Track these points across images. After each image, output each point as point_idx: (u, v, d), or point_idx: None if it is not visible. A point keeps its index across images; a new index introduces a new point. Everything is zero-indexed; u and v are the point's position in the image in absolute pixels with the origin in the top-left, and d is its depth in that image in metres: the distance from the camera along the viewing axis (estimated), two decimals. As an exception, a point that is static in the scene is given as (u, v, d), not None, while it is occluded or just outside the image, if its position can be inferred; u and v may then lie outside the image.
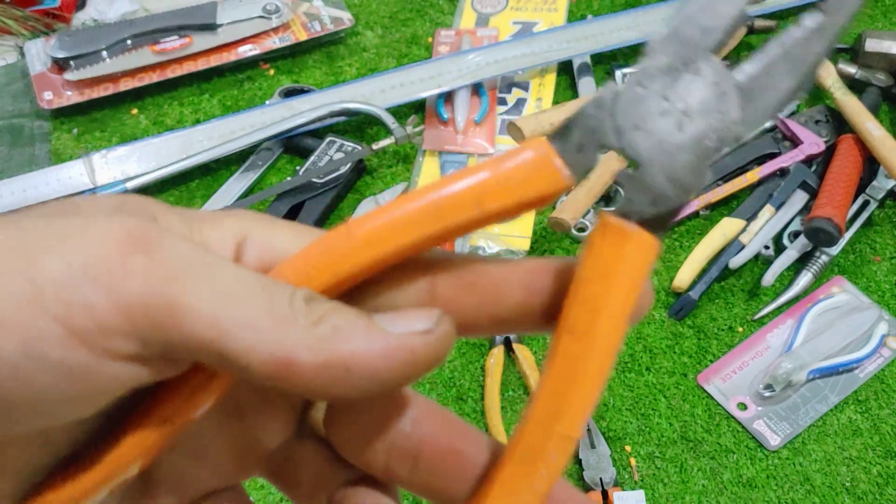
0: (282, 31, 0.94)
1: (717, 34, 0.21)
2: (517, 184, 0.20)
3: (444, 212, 0.20)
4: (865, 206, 0.78)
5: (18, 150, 0.88)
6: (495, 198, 0.20)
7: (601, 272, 0.20)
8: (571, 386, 0.20)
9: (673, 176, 0.20)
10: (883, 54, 0.86)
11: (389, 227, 0.20)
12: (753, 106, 0.20)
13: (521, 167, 0.20)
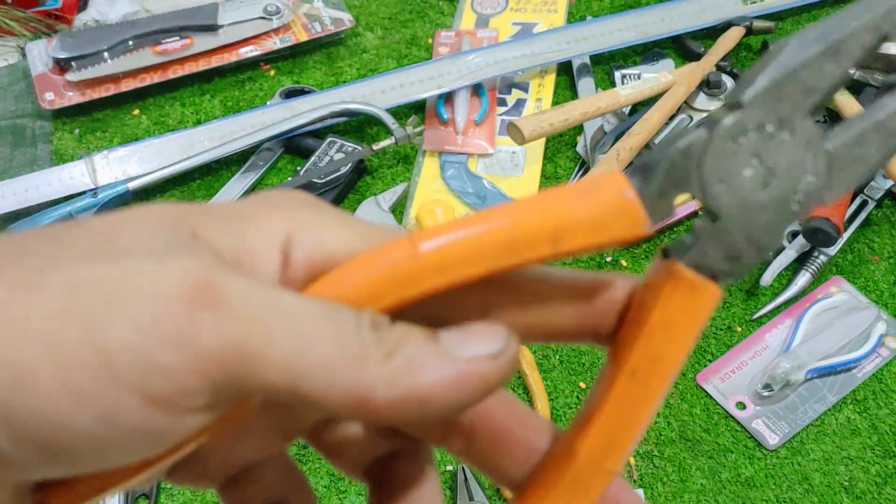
0: (282, 32, 0.94)
1: (817, 95, 0.20)
2: (597, 227, 0.20)
3: (518, 246, 0.20)
4: (863, 206, 0.78)
5: (20, 150, 0.88)
6: (572, 239, 0.20)
7: (670, 323, 0.20)
8: (626, 427, 0.21)
9: (751, 235, 0.20)
10: (881, 55, 0.86)
11: (461, 257, 0.20)
12: (841, 175, 0.20)
13: (603, 209, 0.20)
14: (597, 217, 0.20)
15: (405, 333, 0.19)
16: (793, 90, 0.20)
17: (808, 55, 0.20)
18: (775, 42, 0.20)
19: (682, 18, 0.92)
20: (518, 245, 0.20)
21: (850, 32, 0.20)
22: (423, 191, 0.83)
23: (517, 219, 0.20)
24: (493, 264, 0.20)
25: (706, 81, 0.85)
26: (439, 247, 0.20)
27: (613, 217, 0.20)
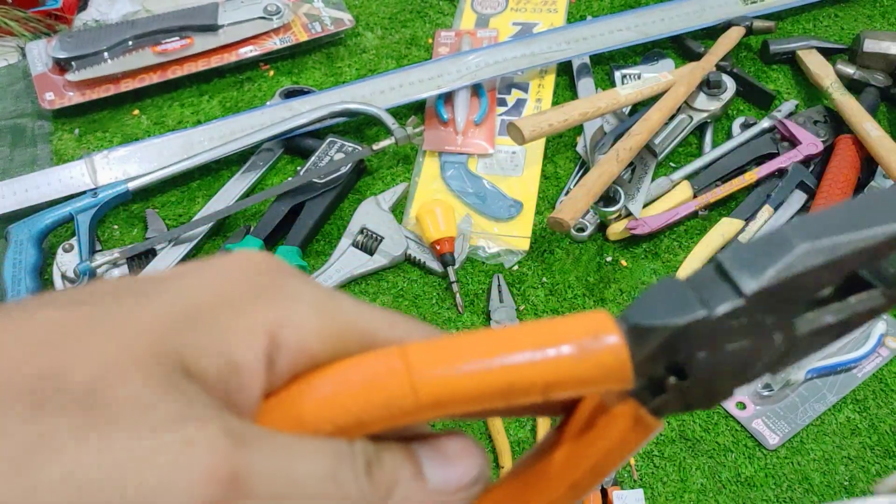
0: (282, 32, 0.94)
1: (809, 294, 0.22)
2: (587, 383, 0.21)
3: (511, 395, 0.21)
4: (863, 206, 0.78)
5: (20, 150, 0.88)
6: (561, 391, 0.21)
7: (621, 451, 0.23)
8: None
9: (711, 393, 0.23)
10: (881, 55, 0.86)
11: (458, 399, 0.21)
12: (795, 354, 0.23)
13: (596, 371, 0.21)
14: (588, 377, 0.21)
15: (395, 471, 0.20)
16: (788, 292, 0.22)
17: (811, 264, 0.21)
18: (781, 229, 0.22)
19: (682, 18, 0.92)
20: (512, 394, 0.21)
21: (854, 251, 0.21)
22: (423, 191, 0.83)
23: (514, 366, 0.21)
24: (487, 406, 0.21)
25: (706, 81, 0.85)
26: (437, 386, 0.21)
27: (605, 378, 0.21)
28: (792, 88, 0.90)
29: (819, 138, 0.81)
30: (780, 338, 0.22)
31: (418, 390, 0.20)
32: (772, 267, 0.21)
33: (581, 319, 0.22)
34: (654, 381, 0.22)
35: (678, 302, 0.22)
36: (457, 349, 0.21)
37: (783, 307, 0.22)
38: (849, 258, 0.21)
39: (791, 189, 0.78)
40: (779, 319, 0.22)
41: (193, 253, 0.78)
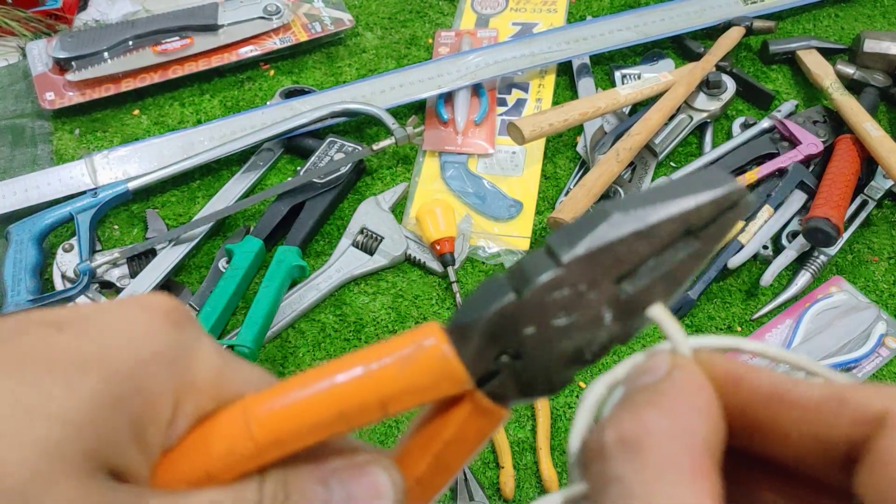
0: (282, 32, 0.94)
1: (626, 266, 0.23)
2: (421, 391, 0.22)
3: (349, 418, 0.22)
4: (863, 206, 0.78)
5: (20, 150, 0.88)
6: (399, 404, 0.22)
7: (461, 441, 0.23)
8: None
9: (547, 374, 0.23)
10: (881, 55, 0.87)
11: (295, 433, 0.22)
12: (632, 319, 0.23)
13: (425, 377, 0.22)
14: (420, 385, 0.22)
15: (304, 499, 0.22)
16: (605, 260, 0.23)
17: (623, 233, 0.22)
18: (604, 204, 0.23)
19: (682, 18, 0.92)
20: (349, 417, 0.22)
21: (663, 220, 0.22)
22: (423, 191, 0.83)
23: (343, 390, 0.22)
24: (328, 433, 0.22)
25: (706, 81, 0.85)
26: (272, 425, 0.22)
27: (437, 382, 0.22)
28: (792, 88, 0.89)
29: (819, 138, 0.81)
30: (608, 310, 0.23)
31: (255, 435, 0.21)
32: (587, 236, 0.22)
33: (411, 333, 0.23)
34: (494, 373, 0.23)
35: (493, 292, 0.23)
36: (292, 387, 0.22)
37: (604, 277, 0.23)
38: (660, 226, 0.22)
39: (791, 189, 0.78)
40: (602, 292, 0.23)
41: (193, 253, 0.78)
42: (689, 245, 0.23)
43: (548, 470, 0.65)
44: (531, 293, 0.22)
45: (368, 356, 0.22)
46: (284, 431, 0.21)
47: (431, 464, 0.23)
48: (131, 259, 0.76)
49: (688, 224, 0.23)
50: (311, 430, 0.22)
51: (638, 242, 0.23)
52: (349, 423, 0.22)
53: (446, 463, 0.24)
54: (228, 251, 0.76)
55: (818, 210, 0.74)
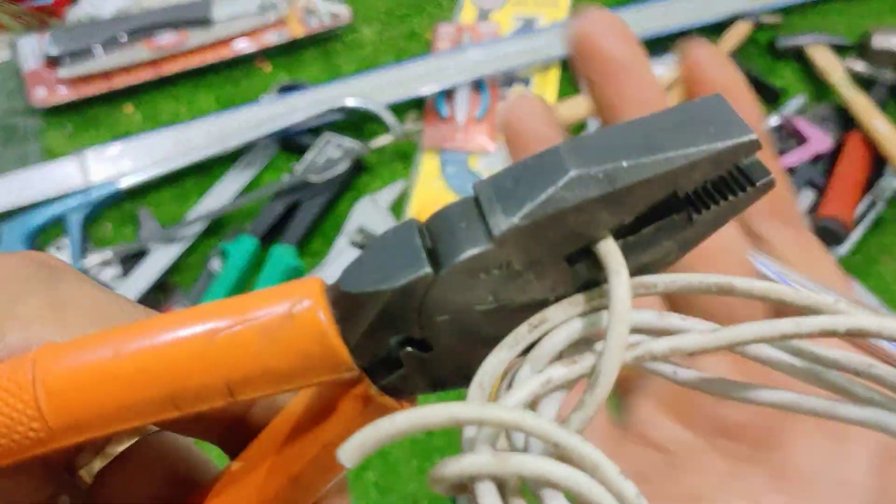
0: (278, 27, 0.92)
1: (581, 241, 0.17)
2: (287, 375, 0.16)
3: (183, 403, 0.16)
4: (873, 205, 0.76)
5: (11, 148, 0.87)
6: (253, 389, 0.16)
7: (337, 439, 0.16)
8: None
9: (463, 367, 0.17)
10: (891, 51, 0.85)
11: (102, 414, 0.16)
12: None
13: (291, 353, 0.16)
14: (284, 367, 0.16)
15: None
16: (555, 233, 0.16)
17: (584, 197, 0.16)
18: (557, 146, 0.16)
19: (688, 13, 0.91)
20: (179, 400, 0.16)
21: (641, 181, 0.16)
22: (422, 189, 0.81)
23: (178, 362, 0.16)
24: (150, 419, 0.16)
25: (712, 77, 0.84)
26: (69, 403, 0.16)
27: (308, 364, 0.16)
28: (800, 84, 0.88)
29: (828, 135, 0.80)
30: (552, 296, 0.17)
31: (45, 414, 0.16)
32: (531, 200, 0.16)
33: (286, 286, 0.17)
34: (391, 357, 0.17)
35: (402, 255, 0.16)
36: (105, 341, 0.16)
37: (551, 255, 0.17)
38: (636, 189, 0.16)
39: (799, 187, 0.77)
40: (546, 273, 0.17)
41: (188, 252, 0.77)
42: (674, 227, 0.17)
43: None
44: (451, 271, 0.16)
45: (221, 311, 0.16)
46: (86, 412, 0.16)
47: (310, 463, 0.18)
48: (124, 258, 0.75)
49: (673, 188, 0.16)
50: (126, 414, 0.16)
51: (602, 212, 0.16)
52: (179, 407, 0.16)
53: (327, 464, 0.18)
54: (223, 250, 0.74)
55: (827, 209, 0.73)
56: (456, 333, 0.17)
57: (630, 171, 0.16)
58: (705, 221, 0.17)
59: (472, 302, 0.17)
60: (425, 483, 0.59)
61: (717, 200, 0.17)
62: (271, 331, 0.16)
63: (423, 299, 0.17)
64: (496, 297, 0.17)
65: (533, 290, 0.17)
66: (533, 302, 0.17)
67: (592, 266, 0.17)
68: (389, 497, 0.63)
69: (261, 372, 0.16)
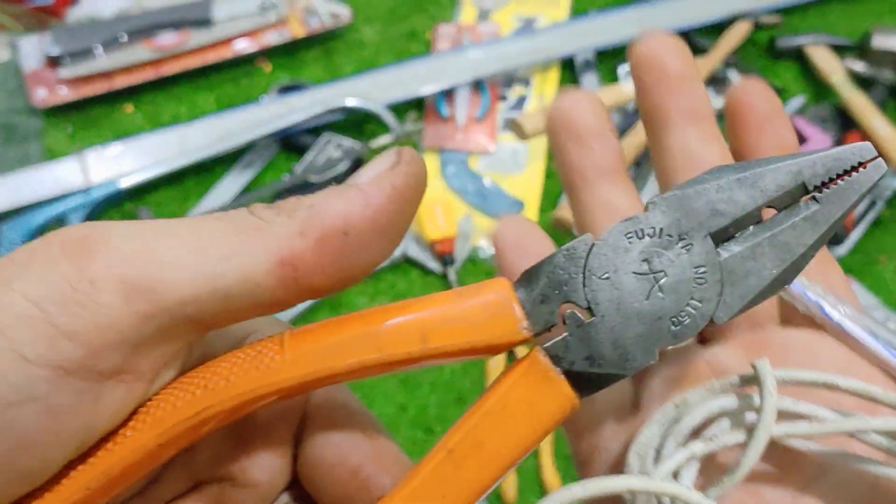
0: (279, 27, 0.92)
1: (723, 220, 0.20)
2: (468, 326, 0.19)
3: (383, 341, 0.19)
4: (872, 205, 0.77)
5: (12, 148, 0.87)
6: (442, 336, 0.19)
7: (506, 408, 0.19)
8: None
9: (619, 342, 0.19)
10: (890, 51, 0.85)
11: (323, 350, 0.19)
12: (733, 291, 0.20)
13: (477, 308, 0.19)
14: (469, 317, 0.19)
15: (298, 198, 0.18)
16: (701, 207, 0.20)
17: (723, 179, 0.20)
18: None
19: (688, 13, 0.91)
20: (384, 340, 0.19)
21: (769, 169, 0.20)
22: (422, 189, 0.81)
23: (388, 315, 0.19)
24: (358, 359, 0.19)
25: (712, 77, 0.84)
26: (307, 340, 0.19)
27: (487, 319, 0.19)
28: (799, 85, 0.88)
29: (827, 135, 0.80)
30: (701, 271, 0.19)
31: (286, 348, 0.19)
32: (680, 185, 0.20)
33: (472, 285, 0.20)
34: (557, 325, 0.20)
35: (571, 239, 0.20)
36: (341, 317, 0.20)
37: (697, 229, 0.19)
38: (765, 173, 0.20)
39: (799, 187, 0.77)
40: (694, 246, 0.19)
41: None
42: (804, 208, 0.20)
43: (550, 475, 0.63)
44: (610, 233, 0.19)
45: (429, 295, 0.20)
46: (315, 348, 0.19)
47: (463, 436, 0.19)
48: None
49: (800, 177, 0.19)
50: (343, 351, 0.19)
51: (739, 190, 0.19)
52: (385, 350, 0.19)
53: (482, 438, 0.19)
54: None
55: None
56: (615, 301, 0.19)
57: (762, 162, 0.20)
58: (829, 198, 0.20)
59: (631, 268, 0.19)
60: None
61: (836, 181, 0.20)
62: (464, 292, 0.19)
63: (586, 261, 0.19)
64: (649, 263, 0.19)
65: (681, 264, 0.19)
66: (678, 278, 0.19)
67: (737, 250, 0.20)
68: (390, 497, 0.64)
69: (449, 320, 0.19)
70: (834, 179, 0.20)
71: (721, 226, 0.20)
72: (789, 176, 0.20)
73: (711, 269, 0.19)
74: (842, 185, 0.20)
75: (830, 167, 0.20)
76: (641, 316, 0.19)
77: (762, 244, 0.20)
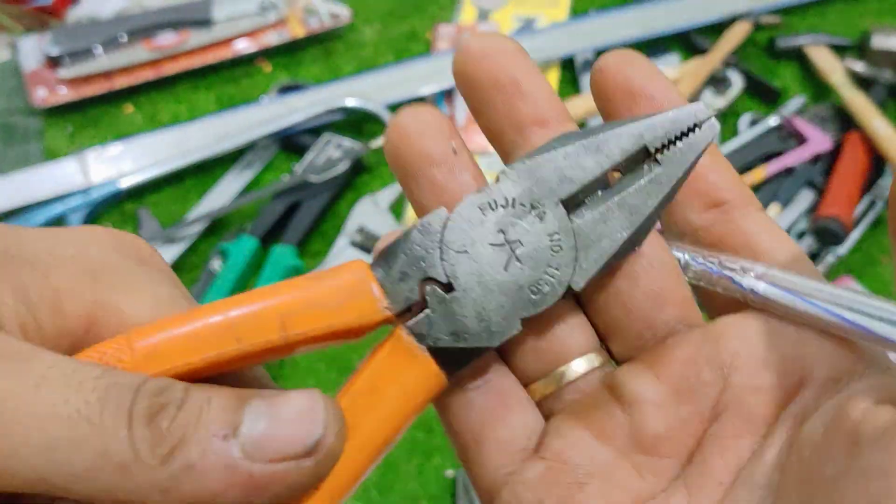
0: (279, 27, 0.92)
1: (572, 186, 0.20)
2: (327, 310, 0.19)
3: (241, 331, 0.18)
4: (872, 205, 0.76)
5: (12, 148, 0.87)
6: (301, 322, 0.18)
7: (374, 390, 0.19)
8: None
9: (483, 314, 0.19)
10: (890, 51, 0.85)
11: (176, 345, 0.18)
12: (587, 255, 0.20)
13: (335, 291, 0.19)
14: (327, 301, 0.19)
15: (195, 419, 0.16)
16: (549, 175, 0.20)
17: (569, 146, 0.20)
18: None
19: (688, 13, 0.91)
20: (242, 330, 0.18)
21: (612, 135, 0.20)
22: (422, 189, 0.81)
23: (245, 303, 0.18)
24: (216, 352, 0.18)
25: (712, 78, 0.84)
26: (156, 335, 0.18)
27: (346, 301, 0.19)
28: (800, 85, 0.88)
29: (827, 135, 0.80)
30: (555, 237, 0.20)
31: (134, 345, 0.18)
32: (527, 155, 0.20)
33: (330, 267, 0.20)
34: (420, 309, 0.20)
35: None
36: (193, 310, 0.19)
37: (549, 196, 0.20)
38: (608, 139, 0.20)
39: (799, 187, 0.77)
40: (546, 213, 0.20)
41: (188, 252, 0.77)
42: (647, 170, 0.20)
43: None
44: (463, 205, 0.20)
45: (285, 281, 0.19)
46: (165, 343, 0.18)
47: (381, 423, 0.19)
48: (124, 259, 0.75)
49: (641, 141, 0.20)
50: (197, 345, 0.18)
51: (585, 156, 0.20)
52: (244, 341, 0.18)
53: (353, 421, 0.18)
54: (223, 250, 0.74)
55: (826, 209, 0.73)
56: (474, 273, 0.19)
57: (602, 128, 0.20)
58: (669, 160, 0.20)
59: (487, 240, 0.19)
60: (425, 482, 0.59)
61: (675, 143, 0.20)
62: (322, 275, 0.19)
63: (442, 235, 0.19)
64: (504, 234, 0.20)
65: (535, 232, 0.20)
66: (534, 247, 0.20)
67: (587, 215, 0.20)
68: (390, 497, 0.63)
69: (307, 305, 0.18)
70: (673, 142, 0.20)
71: (571, 192, 0.20)
72: (632, 140, 0.20)
73: (565, 235, 0.20)
74: (680, 146, 0.20)
75: (669, 130, 0.20)
76: (502, 287, 0.19)
77: (611, 208, 0.20)
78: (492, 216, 0.20)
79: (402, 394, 0.19)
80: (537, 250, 0.20)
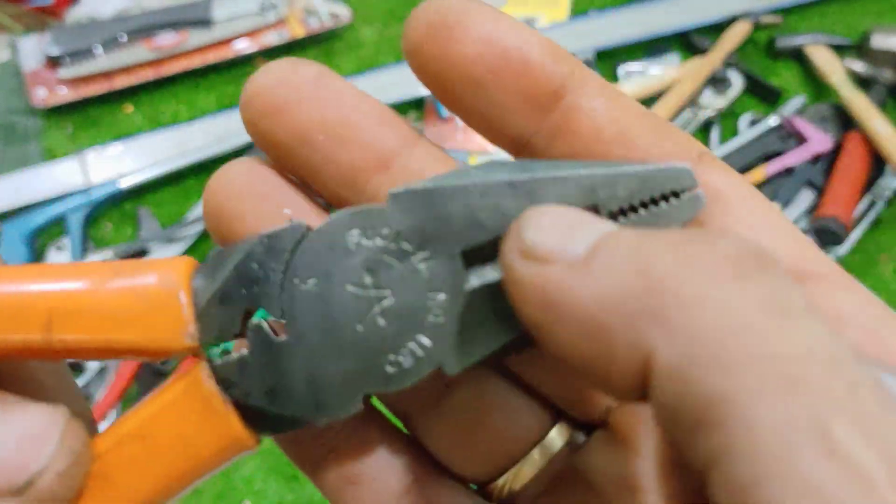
0: (279, 27, 0.92)
1: (483, 234, 0.14)
2: (113, 320, 0.13)
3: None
4: (872, 204, 0.77)
5: (11, 148, 0.87)
6: (73, 326, 0.13)
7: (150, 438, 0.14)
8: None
9: (316, 377, 0.14)
10: (890, 51, 0.85)
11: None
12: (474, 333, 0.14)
13: (133, 297, 0.13)
14: (119, 306, 0.13)
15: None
16: (456, 212, 0.14)
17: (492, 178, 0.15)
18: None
19: (688, 13, 0.91)
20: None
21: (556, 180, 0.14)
22: (422, 189, 0.81)
23: (12, 281, 0.13)
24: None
25: (712, 78, 0.84)
26: None
27: (144, 312, 0.13)
28: (799, 84, 0.88)
29: (827, 135, 0.80)
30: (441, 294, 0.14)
31: None
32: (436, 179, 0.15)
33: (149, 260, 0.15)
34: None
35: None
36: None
37: (445, 241, 0.14)
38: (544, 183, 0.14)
39: (799, 187, 0.77)
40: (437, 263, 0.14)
41: (188, 252, 0.77)
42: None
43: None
44: (330, 220, 0.14)
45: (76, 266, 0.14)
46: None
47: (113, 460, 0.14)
48: (124, 258, 0.75)
49: (593, 197, 0.14)
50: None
51: (510, 198, 0.14)
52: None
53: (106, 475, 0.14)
54: (223, 251, 0.74)
55: (826, 209, 0.73)
56: (319, 317, 0.14)
57: (545, 167, 0.14)
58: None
59: (345, 274, 0.14)
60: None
61: (640, 209, 0.15)
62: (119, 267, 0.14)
63: (291, 257, 0.14)
64: (373, 276, 0.14)
65: (416, 282, 0.14)
66: (408, 304, 0.14)
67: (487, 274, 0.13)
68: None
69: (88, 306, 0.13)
70: (636, 208, 0.15)
71: (478, 242, 0.14)
72: (579, 192, 0.14)
73: (453, 298, 0.14)
74: (644, 215, 0.14)
75: (634, 191, 0.14)
76: (351, 345, 0.14)
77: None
78: (364, 246, 0.14)
79: (184, 451, 0.14)
80: (410, 309, 0.14)
